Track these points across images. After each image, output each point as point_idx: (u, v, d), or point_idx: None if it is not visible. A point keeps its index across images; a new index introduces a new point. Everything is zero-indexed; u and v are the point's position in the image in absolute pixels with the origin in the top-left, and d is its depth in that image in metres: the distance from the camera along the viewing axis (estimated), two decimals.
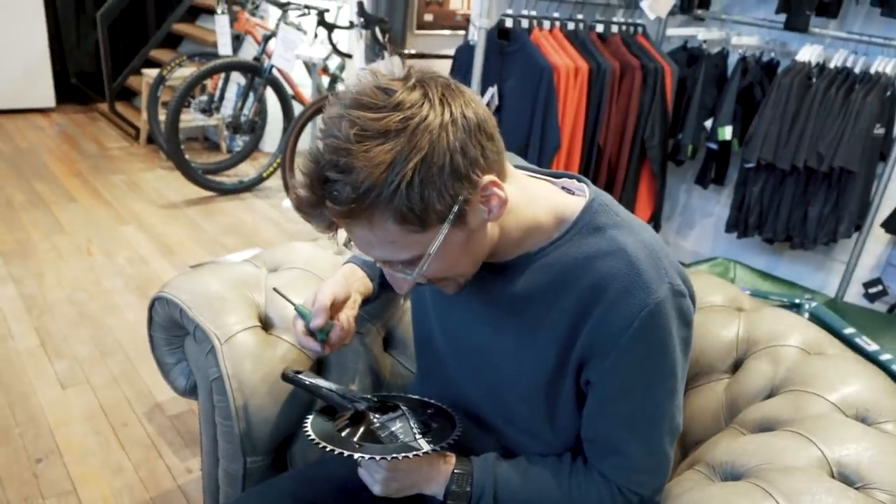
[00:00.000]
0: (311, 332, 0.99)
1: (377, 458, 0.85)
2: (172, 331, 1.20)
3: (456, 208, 0.74)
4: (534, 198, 0.85)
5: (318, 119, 3.54)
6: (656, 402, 0.86)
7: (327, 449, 0.86)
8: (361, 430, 0.93)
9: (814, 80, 2.45)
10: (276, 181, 3.98)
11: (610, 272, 0.81)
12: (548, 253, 0.85)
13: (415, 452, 0.85)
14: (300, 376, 1.02)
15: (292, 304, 1.02)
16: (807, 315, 2.23)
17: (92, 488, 1.77)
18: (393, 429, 0.93)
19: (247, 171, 4.16)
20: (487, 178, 0.76)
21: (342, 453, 0.85)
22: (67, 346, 2.36)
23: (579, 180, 0.91)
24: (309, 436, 0.89)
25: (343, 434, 0.91)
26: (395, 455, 0.85)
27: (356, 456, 0.85)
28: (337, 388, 0.99)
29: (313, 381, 1.01)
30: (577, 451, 0.94)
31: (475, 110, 0.75)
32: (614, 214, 0.86)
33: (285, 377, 1.04)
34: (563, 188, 0.91)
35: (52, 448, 1.89)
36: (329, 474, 1.05)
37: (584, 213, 0.85)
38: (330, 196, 0.72)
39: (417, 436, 0.91)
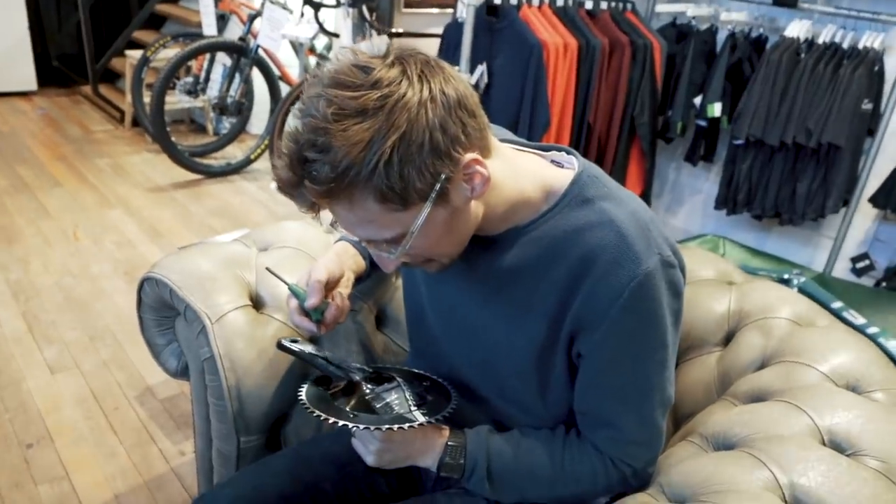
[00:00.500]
0: (305, 312, 0.99)
1: (371, 428, 0.84)
2: (162, 311, 1.19)
3: (437, 186, 0.74)
4: (521, 172, 0.84)
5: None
6: (647, 374, 0.86)
7: (321, 417, 0.85)
8: (356, 400, 0.92)
9: (802, 55, 2.44)
10: (264, 163, 3.95)
11: (599, 244, 0.80)
12: (537, 226, 0.85)
13: (409, 424, 0.85)
14: (296, 346, 1.01)
15: (285, 283, 1.01)
16: (795, 290, 2.25)
17: (84, 473, 1.77)
18: (388, 399, 0.92)
19: (234, 153, 4.12)
20: (469, 155, 0.75)
21: (336, 422, 0.84)
22: (56, 332, 2.34)
23: (568, 153, 0.91)
24: (303, 403, 0.89)
25: (337, 403, 0.91)
26: (389, 426, 0.84)
27: (350, 426, 0.84)
28: (332, 358, 0.99)
29: (309, 350, 1.00)
30: (570, 424, 0.95)
31: (455, 87, 0.74)
32: (603, 186, 0.85)
33: (281, 346, 1.03)
34: (552, 161, 0.91)
35: (42, 434, 1.88)
36: (324, 451, 1.05)
37: (573, 185, 0.85)
38: (309, 176, 0.71)
39: (413, 407, 0.91)
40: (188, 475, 1.79)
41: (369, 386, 0.95)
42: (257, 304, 1.16)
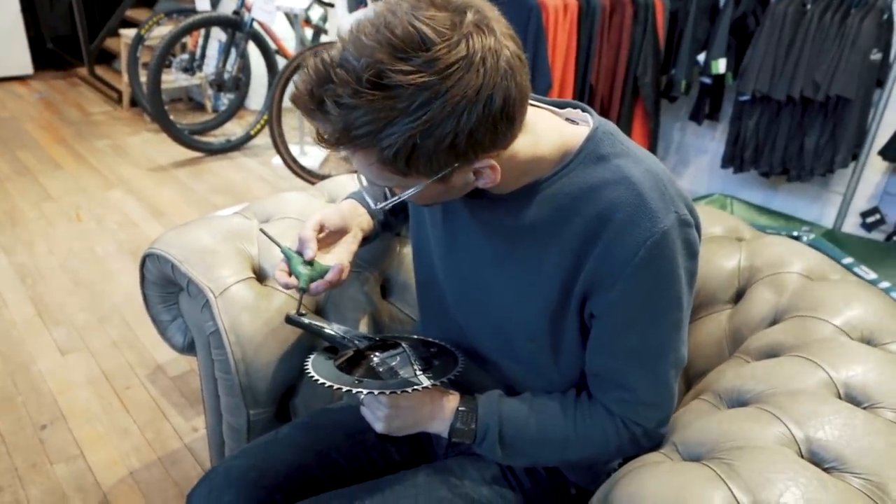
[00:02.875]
0: (293, 274, 0.96)
1: (376, 392, 0.83)
2: (166, 287, 1.17)
3: (442, 174, 0.73)
4: (538, 133, 0.81)
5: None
6: (661, 335, 0.84)
7: (326, 385, 0.85)
8: (362, 368, 0.92)
9: (808, 6, 2.39)
10: (264, 138, 3.92)
11: (615, 201, 0.78)
12: (551, 183, 0.83)
13: (414, 387, 0.84)
14: (302, 318, 1.00)
15: (278, 245, 0.99)
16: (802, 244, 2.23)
17: (99, 451, 1.78)
18: (393, 364, 0.92)
19: (234, 129, 4.09)
20: (486, 162, 0.74)
21: (341, 389, 0.84)
22: (64, 314, 2.34)
23: (584, 110, 0.88)
24: (309, 373, 0.88)
25: (343, 372, 0.90)
26: (393, 390, 0.83)
27: (355, 391, 0.84)
28: (339, 328, 0.98)
29: (315, 322, 0.99)
30: (581, 387, 0.93)
31: (509, 86, 0.68)
32: (618, 143, 0.83)
33: (289, 320, 1.02)
34: (566, 119, 0.88)
35: (56, 414, 1.89)
36: (334, 422, 1.04)
37: (588, 142, 0.82)
38: (321, 122, 0.69)
39: (418, 372, 0.90)
40: (201, 450, 1.80)
41: (376, 354, 0.94)
42: (260, 276, 1.15)
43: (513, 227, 0.86)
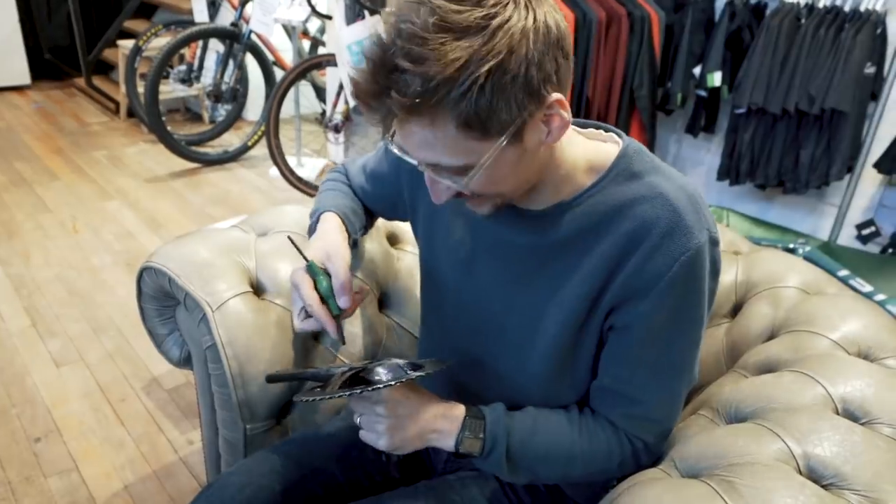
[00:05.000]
0: (321, 297, 0.94)
1: (370, 388, 0.80)
2: (163, 301, 1.17)
3: (519, 122, 0.71)
4: (570, 151, 0.83)
5: (302, 83, 3.46)
6: (682, 351, 0.85)
7: (319, 399, 0.83)
8: (349, 382, 0.88)
9: (803, 20, 2.40)
10: (261, 150, 3.92)
11: (651, 217, 0.79)
12: (583, 200, 0.83)
13: (405, 378, 0.81)
14: (280, 373, 1.01)
15: (305, 259, 0.95)
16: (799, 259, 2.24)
17: (94, 465, 1.77)
18: (380, 369, 0.87)
19: (231, 140, 4.09)
20: (556, 95, 0.73)
21: (333, 397, 0.81)
22: (59, 325, 2.33)
23: (606, 129, 0.89)
24: (301, 399, 0.87)
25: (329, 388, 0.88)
26: (386, 383, 0.80)
27: (348, 394, 0.80)
28: (321, 369, 0.97)
29: (293, 372, 0.99)
30: (583, 404, 0.93)
31: (557, 21, 0.71)
32: (649, 161, 0.84)
33: (270, 379, 1.04)
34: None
35: (50, 427, 1.88)
36: (331, 436, 1.04)
37: (620, 159, 0.83)
38: (396, 86, 0.68)
39: (408, 371, 0.86)
40: (197, 464, 1.79)
41: (362, 372, 0.92)
42: (258, 290, 1.15)
43: (543, 245, 0.86)
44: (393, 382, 0.80)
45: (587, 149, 0.85)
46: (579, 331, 0.86)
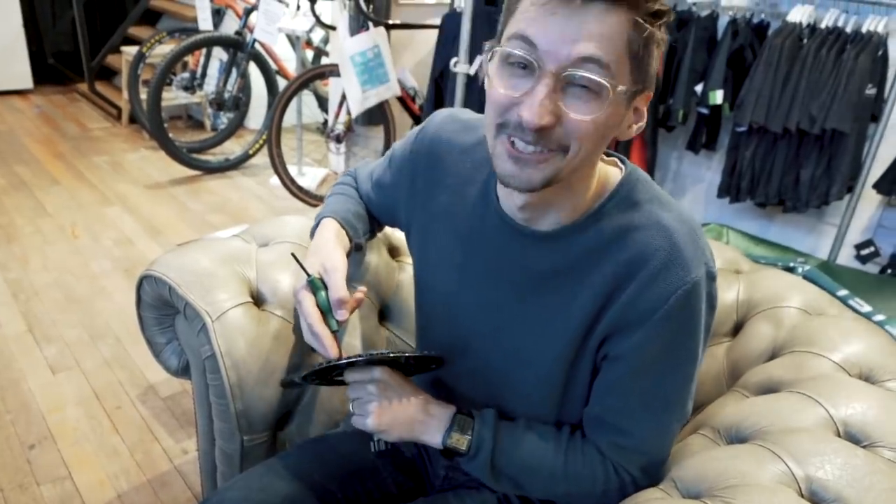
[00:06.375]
0: (321, 313, 0.93)
1: (363, 357, 0.84)
2: (162, 310, 1.17)
3: (640, 87, 0.75)
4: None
5: (304, 92, 3.47)
6: (674, 385, 0.84)
7: (313, 371, 0.87)
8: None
9: (805, 40, 2.42)
10: (262, 158, 3.92)
11: (649, 247, 0.79)
12: (586, 227, 0.82)
13: (398, 353, 0.86)
14: (294, 378, 1.01)
15: (308, 274, 0.95)
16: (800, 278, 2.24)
17: (87, 473, 1.75)
18: (374, 352, 0.90)
19: (232, 148, 4.09)
20: (650, 91, 0.77)
21: (327, 363, 0.85)
22: (56, 331, 2.32)
23: (609, 155, 0.88)
24: (293, 380, 0.90)
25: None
26: (382, 354, 0.85)
27: (343, 361, 0.85)
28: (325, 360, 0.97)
29: (305, 372, 0.99)
30: (576, 427, 0.93)
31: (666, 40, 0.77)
32: (651, 189, 0.84)
33: (284, 384, 1.05)
34: None
35: (45, 434, 1.87)
36: (328, 451, 1.03)
37: (622, 186, 0.83)
38: None
39: (406, 353, 0.90)
40: (191, 473, 1.78)
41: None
42: (258, 300, 1.14)
43: (541, 271, 0.85)
44: (389, 353, 0.83)
45: (600, 168, 0.85)
46: (575, 359, 0.86)
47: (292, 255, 1.00)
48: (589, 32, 0.69)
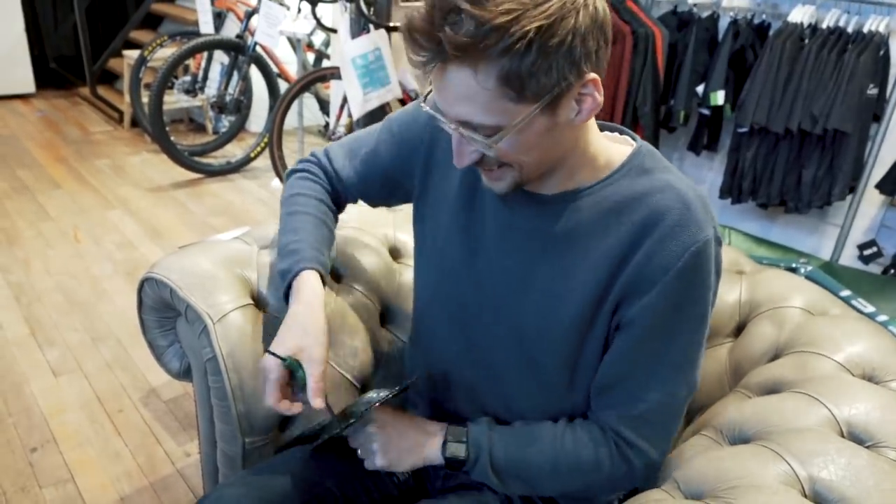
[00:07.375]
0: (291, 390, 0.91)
1: (356, 414, 0.87)
2: (163, 312, 1.16)
3: (556, 91, 0.73)
4: (591, 138, 0.85)
5: (306, 95, 3.47)
6: (683, 349, 0.85)
7: (315, 442, 0.91)
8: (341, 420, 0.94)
9: (806, 41, 2.42)
10: (264, 161, 3.92)
11: (662, 207, 0.81)
12: (595, 191, 0.85)
13: (383, 395, 0.89)
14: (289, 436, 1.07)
15: (281, 358, 0.89)
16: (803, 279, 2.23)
17: (90, 476, 1.75)
18: (366, 396, 0.94)
19: (234, 151, 4.10)
20: (593, 75, 0.75)
21: (322, 429, 0.89)
22: (58, 334, 2.32)
23: (622, 132, 0.92)
24: (294, 440, 0.94)
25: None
26: (368, 401, 0.88)
27: (344, 429, 0.88)
28: (309, 427, 1.02)
29: (297, 435, 1.03)
30: (575, 417, 0.93)
31: (604, 7, 0.75)
32: (661, 160, 0.87)
33: (279, 449, 1.07)
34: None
35: (47, 437, 1.87)
36: (328, 451, 1.03)
37: (633, 156, 0.86)
38: (451, 25, 0.70)
39: (389, 391, 0.92)
40: (194, 476, 1.78)
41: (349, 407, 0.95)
42: (259, 303, 1.14)
43: (552, 233, 0.86)
44: (374, 400, 0.87)
45: (605, 145, 0.87)
46: (586, 327, 0.86)
47: (267, 352, 0.91)
48: (457, 94, 0.74)
